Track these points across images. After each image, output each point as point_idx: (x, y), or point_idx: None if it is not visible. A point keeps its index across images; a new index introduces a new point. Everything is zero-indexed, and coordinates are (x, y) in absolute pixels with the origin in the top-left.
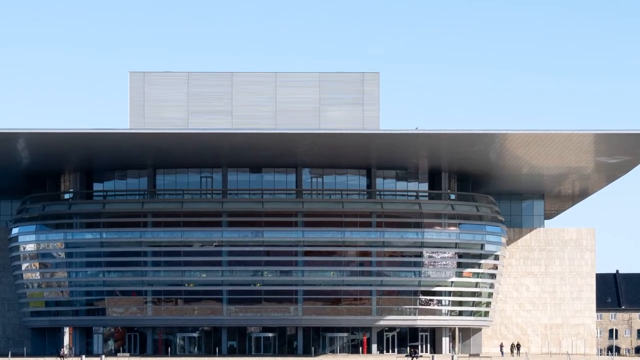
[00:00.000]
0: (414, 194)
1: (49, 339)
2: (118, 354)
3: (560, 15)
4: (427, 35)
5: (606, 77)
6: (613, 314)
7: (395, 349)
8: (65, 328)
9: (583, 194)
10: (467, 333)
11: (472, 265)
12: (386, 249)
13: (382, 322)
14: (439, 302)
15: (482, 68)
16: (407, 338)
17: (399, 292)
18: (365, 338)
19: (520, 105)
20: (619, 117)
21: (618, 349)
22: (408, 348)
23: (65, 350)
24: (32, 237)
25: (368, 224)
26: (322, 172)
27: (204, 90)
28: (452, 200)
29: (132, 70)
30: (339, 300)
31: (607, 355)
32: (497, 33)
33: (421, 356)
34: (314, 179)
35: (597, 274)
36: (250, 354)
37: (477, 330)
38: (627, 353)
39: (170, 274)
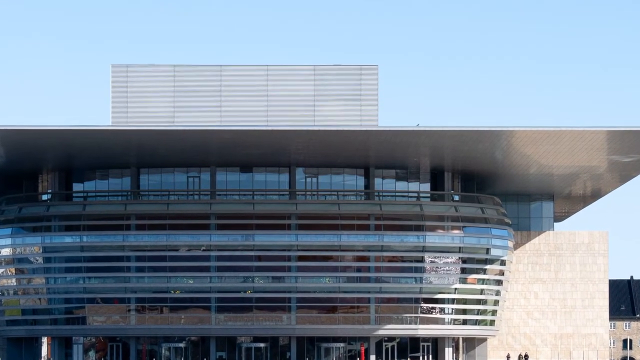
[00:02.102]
0: (415, 195)
1: (25, 350)
2: None
3: (570, 5)
4: (429, 26)
5: (619, 71)
6: (627, 322)
7: None
8: (43, 338)
9: (595, 195)
10: (471, 343)
11: (476, 271)
12: (385, 254)
13: (381, 332)
14: (442, 310)
15: (487, 61)
16: (408, 348)
17: (398, 300)
18: (363, 348)
19: (528, 100)
20: (634, 113)
21: None
22: (409, 359)
23: None
24: (8, 240)
25: (366, 227)
26: (317, 171)
27: (191, 84)
28: (456, 201)
29: (114, 63)
30: (335, 308)
31: None
32: (503, 24)
33: None
34: (309, 179)
35: (610, 280)
36: None
37: (482, 340)
38: None
39: (155, 280)
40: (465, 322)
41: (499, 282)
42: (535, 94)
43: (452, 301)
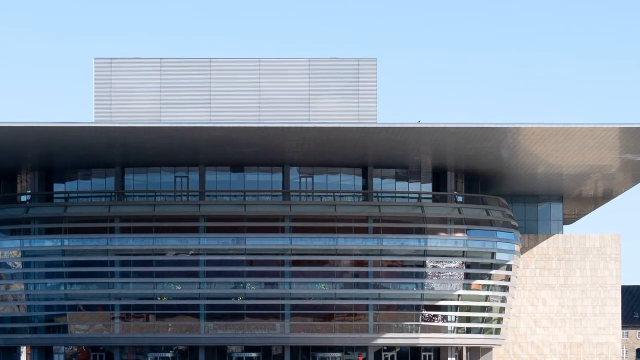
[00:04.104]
0: (416, 196)
1: None
2: None
3: None
4: (431, 17)
5: (632, 64)
6: None
7: None
8: (22, 347)
9: (607, 196)
10: (476, 353)
11: (481, 277)
12: (384, 258)
13: (380, 341)
14: (444, 318)
15: (492, 54)
16: (408, 358)
17: (398, 307)
18: (360, 358)
19: (535, 96)
20: None
21: None
22: None
23: None
24: None
25: (364, 230)
26: (313, 171)
27: (178, 78)
28: (459, 203)
29: (97, 57)
30: (331, 316)
31: None
32: (509, 14)
33: None
34: (303, 179)
35: (622, 286)
36: None
37: (488, 349)
38: None
39: (140, 286)
40: (469, 330)
41: (505, 288)
42: (544, 89)
43: (455, 308)
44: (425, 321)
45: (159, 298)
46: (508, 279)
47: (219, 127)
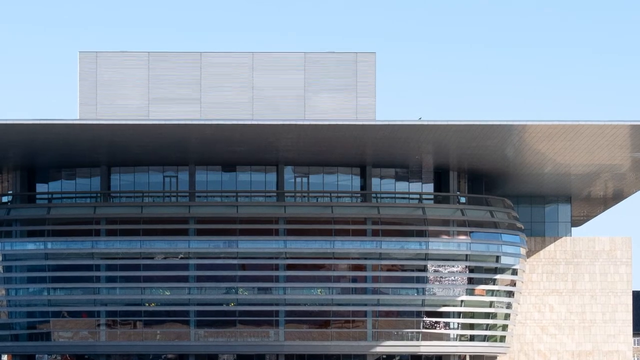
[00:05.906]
0: (417, 196)
1: None
2: None
3: None
4: (432, 10)
5: None
6: None
7: None
8: (3, 355)
9: (617, 197)
10: None
11: (485, 281)
12: (384, 262)
13: (379, 349)
14: (447, 325)
15: (497, 49)
16: None
17: (398, 313)
18: None
19: (542, 92)
20: None
21: None
22: None
23: None
24: None
25: (362, 232)
26: (308, 170)
27: (167, 73)
28: (462, 204)
29: (82, 50)
30: (328, 323)
31: None
32: (514, 6)
33: None
34: (299, 179)
35: (633, 292)
36: None
37: (492, 358)
38: None
39: (127, 291)
40: (472, 338)
41: (510, 294)
42: (551, 85)
43: (458, 315)
44: (426, 328)
45: (147, 304)
46: (513, 283)
47: (210, 125)
